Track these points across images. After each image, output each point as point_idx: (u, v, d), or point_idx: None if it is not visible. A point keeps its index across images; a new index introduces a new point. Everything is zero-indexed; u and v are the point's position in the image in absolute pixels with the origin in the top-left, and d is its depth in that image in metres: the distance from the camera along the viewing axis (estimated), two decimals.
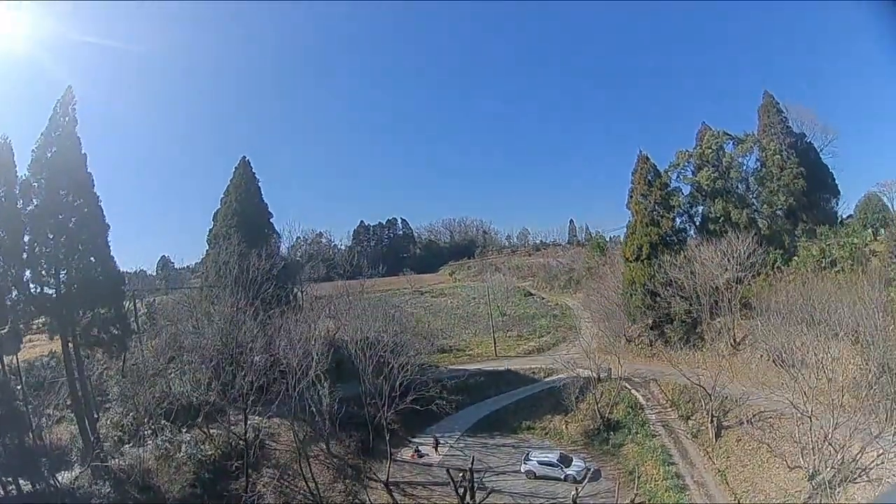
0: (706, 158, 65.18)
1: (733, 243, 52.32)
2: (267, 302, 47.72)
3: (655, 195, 56.95)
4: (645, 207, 56.65)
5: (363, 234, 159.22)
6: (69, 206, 33.79)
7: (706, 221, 62.86)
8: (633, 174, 59.74)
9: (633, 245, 56.23)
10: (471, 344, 71.00)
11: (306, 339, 41.74)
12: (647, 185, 58.00)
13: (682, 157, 67.91)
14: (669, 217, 57.00)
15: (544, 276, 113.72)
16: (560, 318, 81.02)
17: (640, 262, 55.55)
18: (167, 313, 55.25)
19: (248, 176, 58.22)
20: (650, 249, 55.13)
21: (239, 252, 50.54)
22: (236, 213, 55.37)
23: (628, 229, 58.56)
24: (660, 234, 55.46)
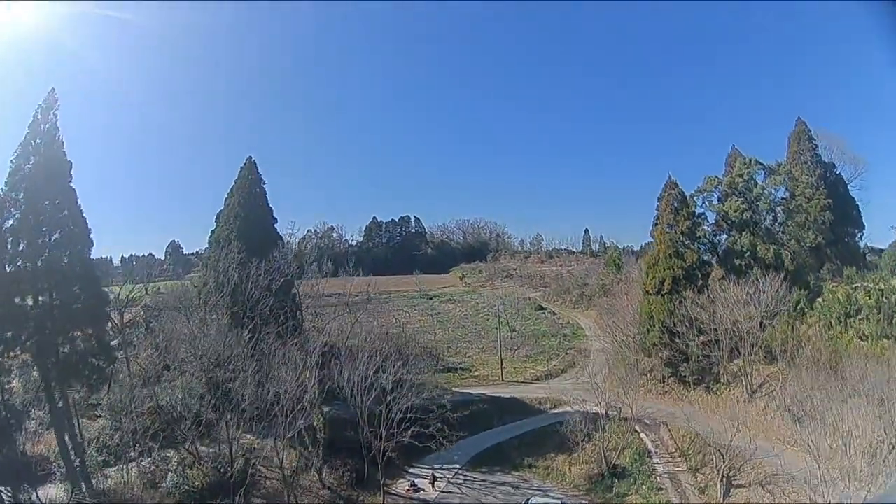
0: (735, 187, 62.20)
1: (761, 287, 49.49)
2: (265, 318, 45.62)
3: (682, 225, 54.21)
4: (670, 238, 53.92)
5: (375, 230, 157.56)
6: (51, 221, 31.68)
7: (731, 255, 59.90)
8: (660, 200, 57.11)
9: (654, 278, 53.54)
10: (477, 363, 68.94)
11: (301, 370, 39.59)
12: (674, 213, 55.22)
13: (710, 182, 64.89)
14: (694, 249, 54.28)
15: (556, 288, 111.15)
16: (570, 339, 78.67)
17: (661, 296, 52.93)
18: (163, 324, 53.21)
19: (253, 178, 56.15)
20: (672, 284, 52.49)
21: (238, 260, 48.60)
22: (238, 218, 53.33)
23: (650, 259, 55.84)
24: (683, 267, 52.75)
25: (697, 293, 52.18)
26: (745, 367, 51.85)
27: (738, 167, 63.08)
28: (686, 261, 52.94)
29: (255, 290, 46.45)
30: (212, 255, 53.41)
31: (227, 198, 55.89)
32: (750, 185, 61.94)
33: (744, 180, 61.71)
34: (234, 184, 55.89)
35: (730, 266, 59.12)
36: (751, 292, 50.64)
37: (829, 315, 54.33)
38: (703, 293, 52.42)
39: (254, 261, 48.48)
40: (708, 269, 56.21)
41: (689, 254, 53.31)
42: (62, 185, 32.27)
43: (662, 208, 55.99)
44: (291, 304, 47.76)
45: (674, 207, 55.17)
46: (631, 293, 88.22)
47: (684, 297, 52.04)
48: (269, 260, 49.53)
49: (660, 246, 54.45)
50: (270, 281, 47.43)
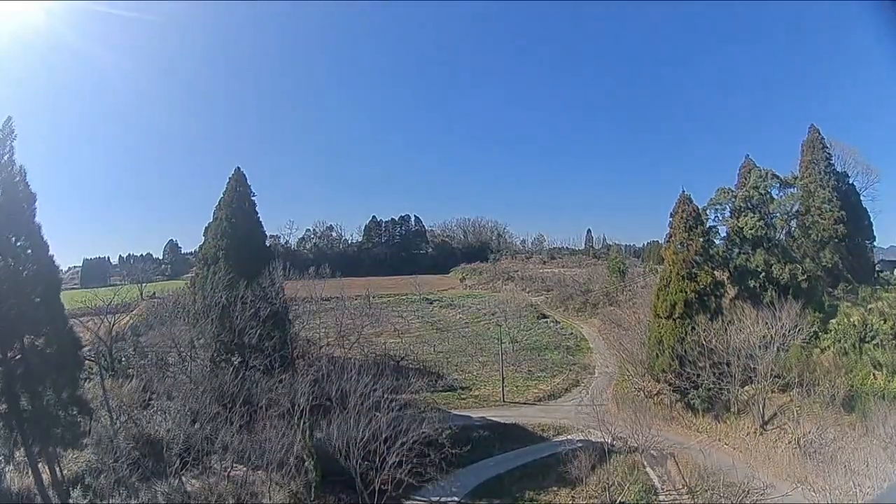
0: (750, 200, 59.55)
1: (778, 315, 47.02)
2: (252, 348, 42.95)
3: (696, 244, 51.47)
4: (683, 258, 51.21)
5: (374, 229, 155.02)
6: (14, 261, 28.93)
7: (745, 275, 57.32)
8: (673, 216, 54.26)
9: (666, 301, 50.92)
10: (478, 380, 66.51)
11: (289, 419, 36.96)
12: (688, 231, 52.43)
13: (723, 195, 62.26)
14: (708, 271, 51.57)
15: (559, 293, 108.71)
16: (574, 352, 76.33)
17: (672, 320, 50.38)
18: (153, 340, 50.78)
19: (241, 191, 53.02)
20: (684, 307, 49.95)
21: (227, 282, 45.89)
22: (226, 235, 50.26)
23: (661, 279, 53.21)
24: (696, 290, 50.18)
25: (710, 319, 49.71)
26: (756, 395, 49.67)
27: (754, 179, 60.41)
28: (699, 283, 50.35)
29: (241, 319, 43.74)
30: (199, 272, 50.73)
31: (216, 210, 52.95)
32: (765, 199, 59.32)
33: (759, 194, 59.08)
34: (222, 196, 52.91)
35: (743, 287, 56.59)
36: (768, 321, 48.35)
37: (844, 341, 51.98)
38: (717, 318, 49.99)
39: (242, 282, 45.82)
40: (721, 291, 53.58)
41: (703, 275, 50.66)
42: (24, 221, 29.42)
43: (675, 225, 53.20)
44: (280, 334, 44.39)
45: (687, 225, 52.40)
46: (636, 306, 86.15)
47: (696, 323, 49.62)
48: (258, 284, 46.52)
49: (672, 266, 51.80)
50: (257, 309, 44.47)
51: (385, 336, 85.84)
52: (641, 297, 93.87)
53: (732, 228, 59.14)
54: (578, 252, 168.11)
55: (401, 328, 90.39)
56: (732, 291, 58.86)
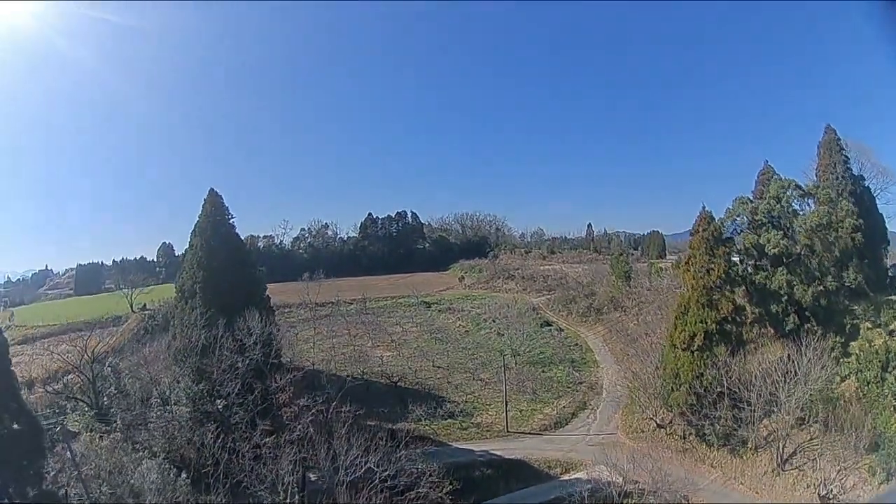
0: (772, 213, 55.52)
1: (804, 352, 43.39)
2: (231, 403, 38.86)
3: (718, 269, 47.37)
4: (704, 284, 47.14)
5: (371, 226, 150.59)
6: None
7: (766, 297, 53.44)
8: (693, 235, 50.14)
9: (684, 332, 47.00)
10: (479, 403, 63.10)
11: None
12: (709, 253, 48.22)
13: (741, 205, 58.19)
14: (729, 298, 47.64)
15: (561, 295, 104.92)
16: (580, 367, 72.83)
17: (690, 352, 46.67)
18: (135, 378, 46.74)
19: (217, 215, 48.53)
20: (704, 339, 46.21)
21: (204, 320, 41.81)
22: (202, 266, 45.97)
23: (679, 306, 49.08)
24: (717, 320, 46.40)
25: (732, 352, 46.12)
26: (777, 432, 46.32)
27: (775, 190, 56.25)
28: (720, 311, 46.55)
29: (218, 371, 39.62)
30: (178, 305, 46.65)
31: (191, 236, 48.61)
32: (787, 212, 55.32)
33: (781, 206, 55.07)
34: (197, 221, 48.48)
35: (765, 311, 52.88)
36: (791, 354, 44.82)
37: (867, 370, 48.24)
38: (738, 351, 46.41)
39: (221, 321, 41.67)
40: (742, 317, 49.86)
41: (724, 302, 46.82)
42: None
43: (695, 246, 48.90)
44: (262, 385, 39.99)
45: (709, 247, 48.16)
46: (643, 314, 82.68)
47: (716, 355, 46.00)
48: (238, 327, 42.13)
49: (691, 293, 47.77)
50: (234, 362, 40.03)
51: (382, 349, 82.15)
52: (648, 304, 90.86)
53: (752, 244, 55.14)
54: (579, 246, 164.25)
55: (398, 339, 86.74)
56: (752, 313, 55.12)
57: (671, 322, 50.24)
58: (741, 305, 50.78)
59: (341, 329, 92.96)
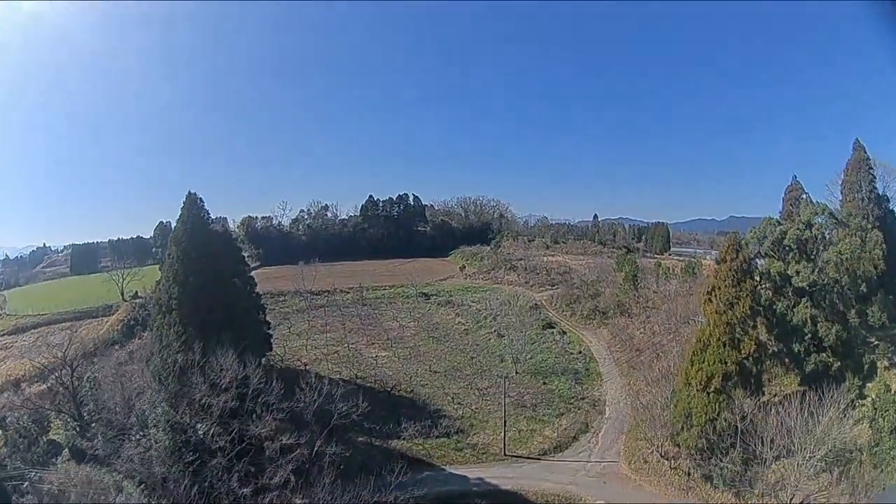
0: (801, 240, 51.65)
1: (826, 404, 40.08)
2: (212, 434, 35.47)
3: (743, 304, 43.60)
4: (727, 320, 43.46)
5: (371, 208, 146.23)
6: None
7: (788, 333, 49.97)
8: (720, 263, 46.21)
9: (701, 371, 43.55)
10: (476, 417, 60.30)
11: None
12: (735, 285, 44.35)
13: (769, 227, 54.32)
14: (752, 336, 43.98)
15: (565, 293, 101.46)
16: (583, 379, 69.77)
17: (706, 394, 43.32)
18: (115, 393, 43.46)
19: (196, 222, 44.37)
20: (721, 380, 42.81)
21: (181, 343, 38.27)
22: (178, 280, 42.03)
23: (698, 342, 45.48)
24: (737, 360, 42.92)
25: (750, 395, 42.81)
26: (787, 478, 43.23)
27: (806, 215, 52.36)
28: (742, 351, 43.03)
29: (193, 407, 36.06)
30: (156, 319, 43.04)
31: (168, 244, 44.60)
32: (817, 239, 51.45)
33: (812, 234, 51.17)
34: (175, 227, 44.39)
35: (786, 349, 49.44)
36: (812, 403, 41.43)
37: (882, 419, 44.85)
38: (757, 394, 43.15)
39: (197, 345, 38.02)
40: (764, 355, 46.41)
41: (747, 342, 43.28)
42: None
43: (721, 276, 44.96)
44: (240, 425, 35.88)
45: (736, 279, 44.25)
46: (649, 321, 79.38)
47: (733, 399, 42.69)
48: (216, 357, 38.14)
49: (712, 328, 44.13)
50: (208, 404, 36.05)
51: (377, 348, 79.09)
52: (654, 309, 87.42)
53: (779, 272, 51.36)
54: (583, 236, 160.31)
55: (394, 336, 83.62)
56: (768, 341, 51.65)
57: (686, 356, 46.77)
58: (764, 343, 47.23)
59: (336, 322, 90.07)
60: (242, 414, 35.56)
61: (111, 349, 79.03)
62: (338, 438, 41.65)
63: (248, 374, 36.59)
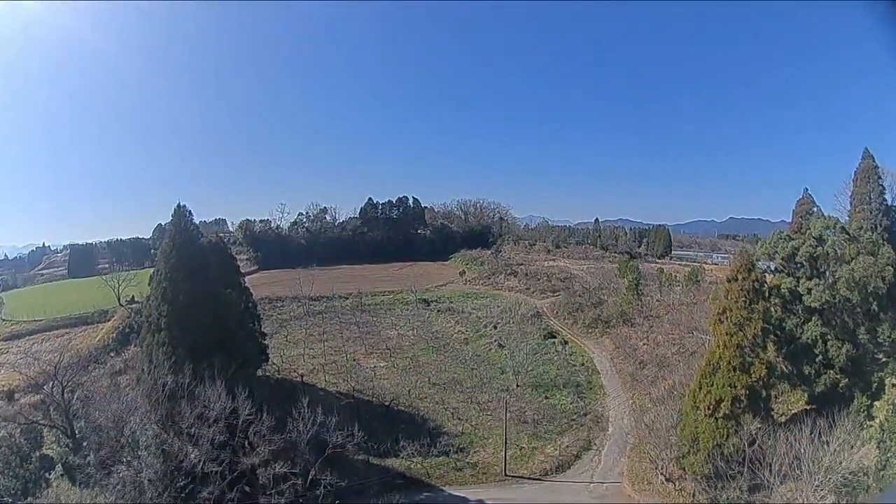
0: (813, 256, 50.11)
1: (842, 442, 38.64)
2: (204, 460, 33.93)
3: (755, 326, 41.96)
4: (738, 343, 41.83)
5: (371, 211, 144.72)
6: None
7: (798, 354, 48.41)
8: (730, 282, 44.47)
9: (709, 396, 41.94)
10: (476, 434, 58.91)
11: None
12: (747, 307, 42.60)
13: (780, 242, 52.72)
14: (764, 360, 42.36)
15: (567, 300, 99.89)
16: (585, 392, 68.30)
17: (714, 419, 41.81)
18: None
19: (184, 235, 42.58)
20: (731, 405, 41.29)
21: (170, 365, 36.75)
22: (166, 299, 40.26)
23: (707, 364, 43.89)
24: (748, 385, 41.36)
25: (761, 420, 41.40)
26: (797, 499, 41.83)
27: (818, 230, 50.74)
28: (752, 375, 41.48)
29: (183, 437, 34.51)
30: (145, 337, 41.53)
31: (157, 258, 43.06)
32: (829, 255, 49.87)
33: (824, 251, 49.64)
34: (163, 242, 42.81)
35: (796, 370, 47.93)
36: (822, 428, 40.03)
37: (889, 440, 43.31)
38: (767, 420, 41.73)
39: (187, 367, 36.54)
40: (774, 379, 44.90)
41: (758, 365, 41.69)
42: None
43: (733, 296, 43.14)
44: (231, 457, 34.36)
45: (748, 300, 42.46)
46: (652, 330, 77.80)
47: (742, 425, 41.22)
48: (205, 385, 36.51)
49: (722, 350, 42.46)
50: (196, 435, 34.48)
51: (375, 358, 77.67)
52: (658, 318, 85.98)
53: (789, 289, 49.82)
54: (584, 240, 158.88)
55: (393, 346, 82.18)
56: (776, 360, 50.10)
57: (695, 379, 45.16)
58: (773, 365, 45.65)
59: (334, 329, 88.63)
60: (233, 445, 34.08)
61: (106, 356, 78.19)
62: (333, 466, 40.13)
63: (238, 406, 35.03)
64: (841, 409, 46.66)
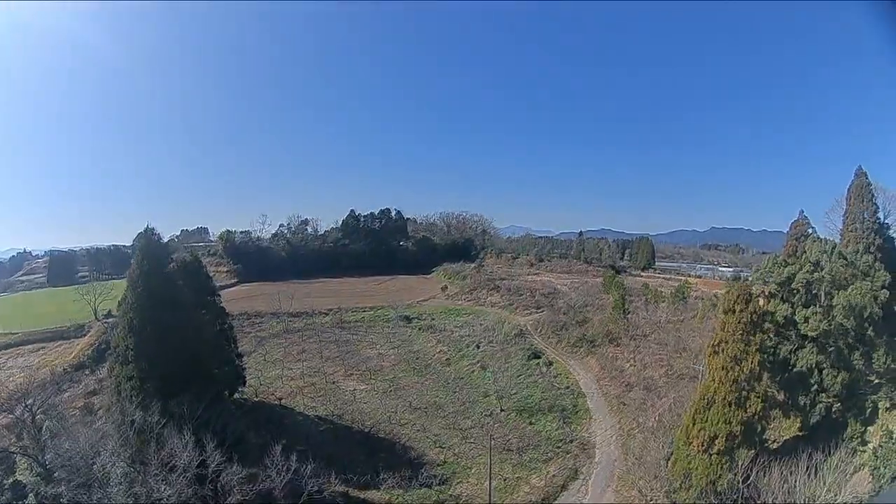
0: (810, 280, 49.09)
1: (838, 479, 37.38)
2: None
3: (752, 359, 40.45)
4: (734, 377, 40.28)
5: (353, 223, 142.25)
6: None
7: (793, 383, 47.26)
8: (727, 314, 42.80)
9: (704, 431, 40.29)
10: (459, 463, 56.49)
11: None
12: (745, 340, 41.05)
13: (775, 268, 51.74)
14: (760, 393, 40.86)
15: (551, 318, 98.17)
16: (571, 417, 66.40)
17: (708, 455, 40.27)
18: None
19: (151, 263, 39.73)
20: (725, 441, 39.80)
21: (137, 402, 34.12)
22: (135, 331, 37.44)
23: (701, 398, 42.23)
24: (743, 421, 39.90)
25: (756, 455, 40.02)
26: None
27: (815, 254, 49.75)
28: (748, 410, 40.03)
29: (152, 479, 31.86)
30: (113, 367, 38.79)
31: (126, 284, 40.37)
32: (825, 279, 48.87)
33: (821, 276, 48.65)
34: (130, 269, 40.17)
35: (791, 400, 46.77)
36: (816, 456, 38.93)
37: (882, 467, 42.27)
38: (762, 454, 40.36)
39: (155, 404, 33.99)
40: (769, 411, 43.61)
41: (754, 400, 40.20)
42: None
43: (730, 328, 41.52)
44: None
45: (746, 332, 40.79)
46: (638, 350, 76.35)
47: (736, 460, 39.78)
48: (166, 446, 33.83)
49: (718, 385, 40.80)
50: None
51: (355, 379, 75.16)
52: (644, 337, 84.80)
53: (785, 316, 48.74)
54: (568, 253, 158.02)
55: (373, 366, 79.73)
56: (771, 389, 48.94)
57: (688, 414, 43.51)
58: (770, 396, 44.39)
59: (313, 348, 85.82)
60: (203, 496, 31.59)
61: (81, 374, 75.28)
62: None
63: (207, 457, 32.53)
64: (834, 436, 45.78)
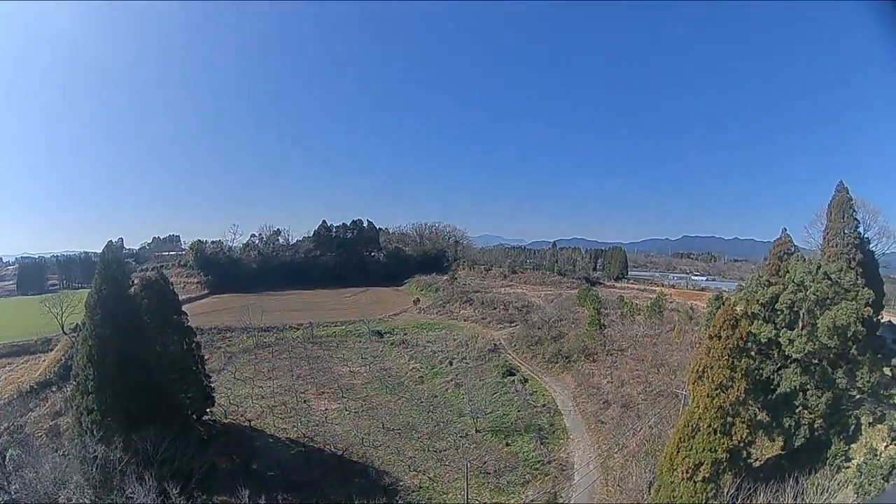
0: (794, 300, 48.77)
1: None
2: None
3: (739, 386, 39.48)
4: (720, 404, 39.27)
5: (325, 234, 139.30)
6: None
7: (777, 405, 46.79)
8: (712, 339, 41.81)
9: (688, 459, 39.19)
10: (434, 489, 54.19)
11: None
12: (730, 365, 39.99)
13: (759, 289, 51.49)
14: (746, 420, 39.98)
15: (526, 333, 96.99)
16: (548, 437, 64.69)
17: (693, 482, 39.28)
18: None
19: (112, 285, 36.79)
20: (710, 468, 38.86)
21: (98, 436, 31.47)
22: (93, 361, 34.37)
23: (684, 427, 41.26)
24: (729, 448, 39.01)
25: (741, 481, 39.24)
26: None
27: (800, 274, 49.19)
28: (734, 437, 39.19)
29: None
30: (74, 396, 35.82)
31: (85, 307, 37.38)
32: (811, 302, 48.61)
33: (806, 297, 48.37)
34: (88, 294, 37.28)
35: (776, 422, 46.28)
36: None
37: (867, 483, 41.99)
38: (747, 480, 39.64)
39: (117, 440, 31.37)
40: (754, 435, 42.90)
41: (739, 427, 39.32)
42: None
43: (717, 354, 40.42)
44: None
45: (732, 358, 39.79)
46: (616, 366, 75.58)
47: (722, 486, 38.92)
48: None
49: (703, 412, 39.72)
50: None
51: (327, 399, 72.49)
52: (620, 352, 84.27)
53: (769, 338, 48.37)
54: (542, 265, 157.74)
55: (345, 384, 77.17)
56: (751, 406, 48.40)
57: (672, 441, 42.39)
58: (757, 419, 43.76)
59: (284, 365, 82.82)
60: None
61: (48, 391, 71.37)
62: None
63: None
64: (818, 454, 45.43)
